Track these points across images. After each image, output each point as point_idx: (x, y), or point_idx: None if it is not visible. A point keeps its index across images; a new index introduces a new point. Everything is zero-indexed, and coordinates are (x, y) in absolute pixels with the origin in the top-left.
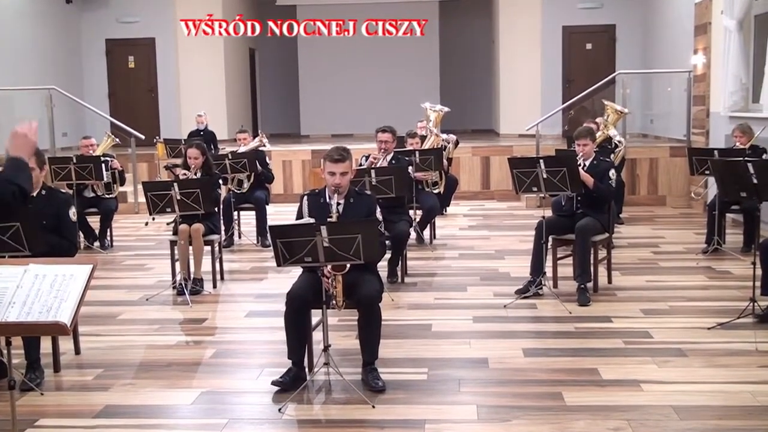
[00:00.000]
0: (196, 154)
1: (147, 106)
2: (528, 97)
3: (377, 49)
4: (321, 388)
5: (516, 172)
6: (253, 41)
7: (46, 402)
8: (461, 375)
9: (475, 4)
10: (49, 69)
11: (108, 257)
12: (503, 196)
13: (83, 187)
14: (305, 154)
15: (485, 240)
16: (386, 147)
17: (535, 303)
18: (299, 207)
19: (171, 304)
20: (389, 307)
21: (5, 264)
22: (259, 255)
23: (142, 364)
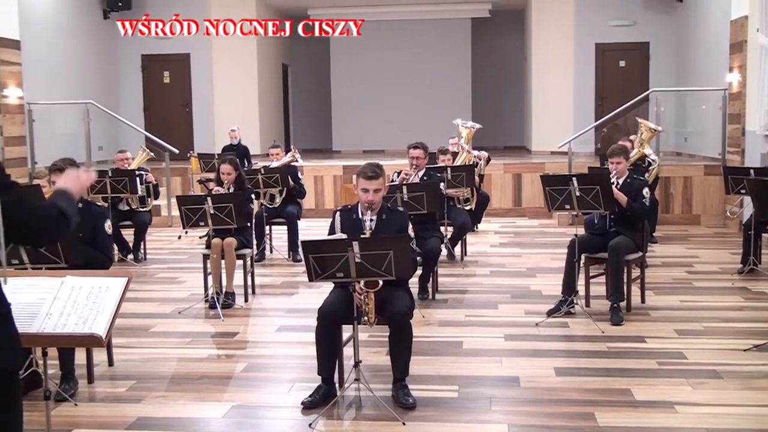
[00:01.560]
0: (229, 169)
1: (181, 121)
2: (560, 115)
3: (410, 66)
4: (351, 404)
5: (549, 190)
6: (287, 57)
7: (80, 413)
8: (492, 393)
9: (507, 21)
10: (87, 83)
11: (141, 270)
12: (535, 214)
13: (118, 200)
14: (337, 169)
15: (517, 257)
16: (418, 163)
17: (567, 322)
18: (332, 222)
19: (203, 318)
20: (420, 323)
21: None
22: (291, 270)
23: (174, 376)
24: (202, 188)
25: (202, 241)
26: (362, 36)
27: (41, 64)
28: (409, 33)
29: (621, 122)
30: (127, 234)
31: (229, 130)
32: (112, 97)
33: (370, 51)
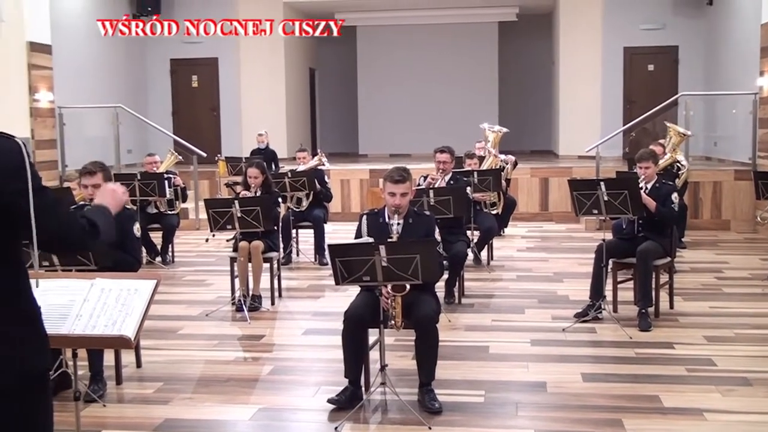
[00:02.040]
0: (256, 173)
1: (209, 125)
2: (588, 119)
3: (437, 70)
4: (377, 408)
5: (576, 194)
6: (314, 61)
7: (108, 413)
8: (519, 398)
9: (535, 25)
10: (116, 87)
11: (169, 272)
12: (562, 218)
13: (146, 203)
14: (363, 173)
15: (543, 262)
16: (445, 167)
17: (595, 327)
18: (358, 226)
19: (230, 320)
20: (446, 328)
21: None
22: (317, 273)
23: (201, 378)
24: (229, 192)
25: (229, 244)
26: (389, 40)
27: (72, 69)
28: (436, 37)
29: (649, 126)
30: (155, 237)
31: (256, 134)
32: (141, 101)
33: (397, 55)
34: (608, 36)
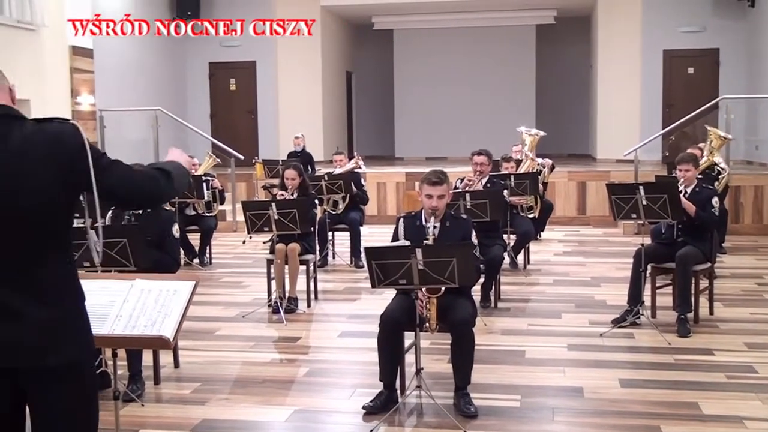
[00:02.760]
0: (294, 175)
1: (247, 127)
2: (626, 122)
3: (474, 73)
4: (413, 411)
5: (614, 198)
6: (351, 64)
7: (147, 413)
8: (555, 404)
9: (572, 28)
10: (156, 91)
11: (206, 274)
12: (599, 222)
13: (185, 205)
14: (399, 176)
15: (581, 266)
16: (482, 170)
17: (633, 332)
18: (395, 229)
19: (266, 322)
20: (482, 331)
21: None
22: (353, 276)
23: (238, 379)
24: (266, 194)
25: (266, 246)
26: (426, 43)
27: (113, 72)
28: (473, 40)
29: (689, 130)
30: (193, 238)
31: (293, 137)
32: (180, 104)
33: (434, 58)
34: (647, 39)
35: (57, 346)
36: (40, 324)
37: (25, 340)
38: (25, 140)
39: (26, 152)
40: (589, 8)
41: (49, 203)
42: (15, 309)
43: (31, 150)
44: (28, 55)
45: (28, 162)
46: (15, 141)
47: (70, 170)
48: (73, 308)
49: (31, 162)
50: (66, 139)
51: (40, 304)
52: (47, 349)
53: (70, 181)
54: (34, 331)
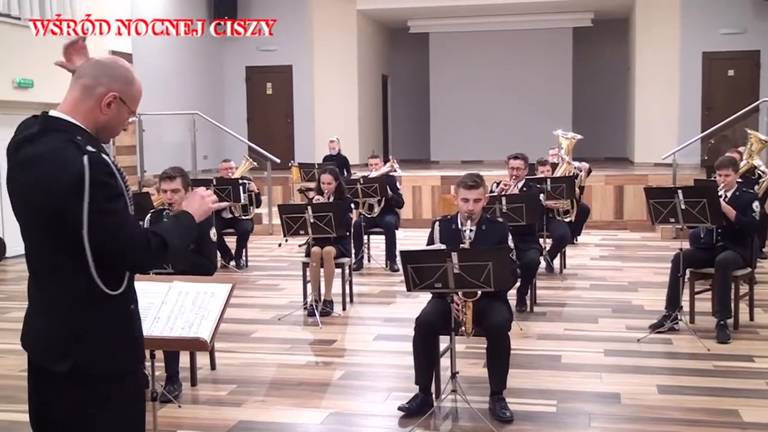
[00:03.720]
0: (330, 179)
1: (283, 131)
2: (664, 125)
3: (510, 76)
4: (448, 415)
5: (652, 203)
6: (386, 68)
7: (183, 414)
8: (592, 409)
9: (610, 31)
10: (193, 95)
11: (243, 277)
12: (637, 227)
13: (222, 208)
14: (435, 179)
15: (618, 271)
16: (518, 174)
17: (671, 338)
18: (431, 232)
19: (302, 325)
20: (518, 336)
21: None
22: (388, 279)
23: (274, 382)
24: (302, 197)
25: (301, 250)
26: (462, 46)
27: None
28: (509, 43)
29: (729, 133)
30: (229, 241)
31: (328, 141)
32: (217, 108)
33: (470, 61)
34: (686, 41)
35: (68, 352)
36: (54, 327)
37: (43, 339)
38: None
39: (42, 165)
40: (626, 10)
41: (56, 217)
42: (40, 310)
43: (46, 164)
44: None
45: (41, 174)
46: (38, 150)
47: (69, 199)
48: (89, 321)
49: (43, 175)
50: (69, 170)
51: (54, 312)
52: (57, 353)
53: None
54: (48, 332)
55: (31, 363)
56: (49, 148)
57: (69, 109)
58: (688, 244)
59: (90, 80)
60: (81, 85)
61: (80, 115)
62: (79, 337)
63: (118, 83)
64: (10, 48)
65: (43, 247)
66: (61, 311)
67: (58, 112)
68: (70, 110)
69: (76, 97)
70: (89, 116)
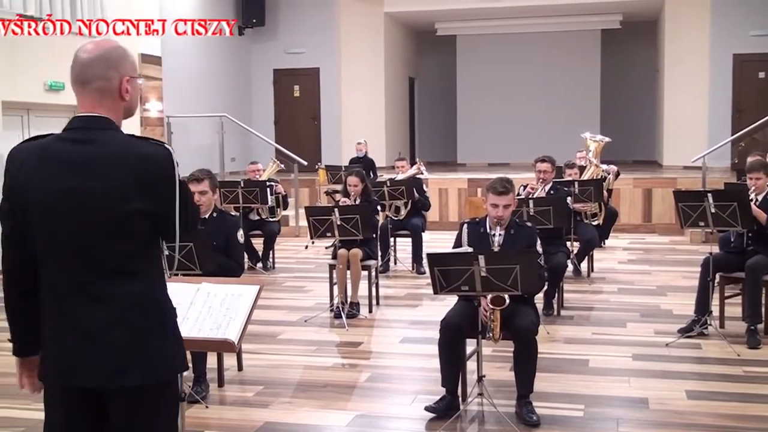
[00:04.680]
0: (356, 181)
1: (310, 133)
2: (694, 128)
3: (537, 78)
4: (474, 419)
5: (682, 206)
6: (413, 70)
7: (210, 415)
8: (619, 414)
9: (639, 33)
10: (221, 97)
11: (270, 278)
12: (665, 230)
13: (249, 210)
14: (461, 182)
15: (646, 275)
16: (545, 177)
17: (700, 343)
18: (458, 234)
19: (328, 327)
20: (545, 340)
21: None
22: (414, 281)
23: (300, 383)
24: (329, 199)
25: (328, 252)
26: (489, 49)
27: (180, 79)
28: (536, 45)
29: (759, 136)
30: (256, 243)
31: (355, 143)
32: (245, 111)
33: (497, 64)
34: (716, 43)
35: (130, 368)
36: (114, 344)
37: (98, 360)
38: (117, 151)
39: (112, 163)
40: (655, 12)
41: (127, 217)
42: (88, 326)
43: (123, 162)
44: None
45: (116, 174)
46: (105, 150)
47: (155, 195)
48: (152, 327)
49: (120, 174)
50: (159, 162)
51: (114, 323)
52: (120, 370)
53: (150, 203)
54: (106, 351)
55: (69, 390)
56: (117, 144)
57: (95, 110)
58: (717, 248)
59: (101, 82)
60: (96, 89)
61: (105, 112)
62: (144, 344)
63: (123, 66)
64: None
65: (108, 250)
66: (125, 317)
67: (91, 112)
68: (97, 111)
69: (95, 99)
70: (113, 110)
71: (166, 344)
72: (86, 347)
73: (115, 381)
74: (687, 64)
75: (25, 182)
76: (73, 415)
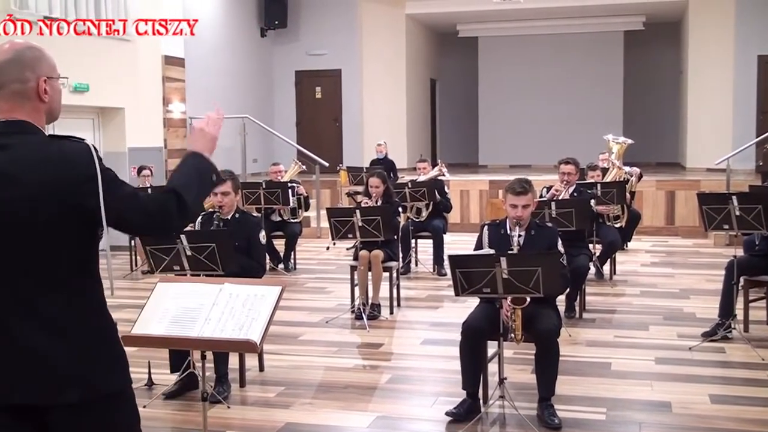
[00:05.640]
0: (378, 183)
1: (331, 135)
2: (718, 130)
3: (559, 80)
4: (495, 421)
5: (705, 209)
6: (435, 72)
7: (232, 415)
8: (642, 418)
9: (662, 34)
10: (243, 99)
11: (291, 279)
12: (688, 233)
13: (271, 211)
14: (483, 184)
15: (669, 278)
16: (569, 179)
17: (724, 347)
18: (479, 236)
19: (349, 328)
20: (566, 342)
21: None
22: (435, 283)
23: (321, 384)
24: (350, 201)
25: (349, 253)
26: (511, 50)
27: (203, 81)
28: (558, 47)
29: None
30: (278, 244)
31: (376, 144)
32: (267, 112)
33: (519, 65)
34: (741, 44)
35: (70, 383)
36: (55, 358)
37: (37, 376)
38: (33, 156)
39: (34, 169)
40: (679, 13)
41: (54, 224)
42: (26, 342)
43: (40, 166)
44: (124, 65)
45: (34, 179)
46: (21, 155)
47: (79, 195)
48: (91, 339)
49: (37, 180)
50: (78, 162)
51: (54, 336)
52: (61, 386)
53: (78, 205)
54: (48, 365)
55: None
56: (36, 149)
57: (13, 115)
58: (742, 251)
59: (17, 85)
60: (12, 93)
61: (25, 115)
62: (86, 356)
63: (39, 66)
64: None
65: (41, 261)
66: (65, 331)
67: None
68: (16, 115)
69: (11, 106)
70: (34, 113)
71: (109, 355)
72: (24, 363)
73: (57, 398)
74: (711, 65)
75: None
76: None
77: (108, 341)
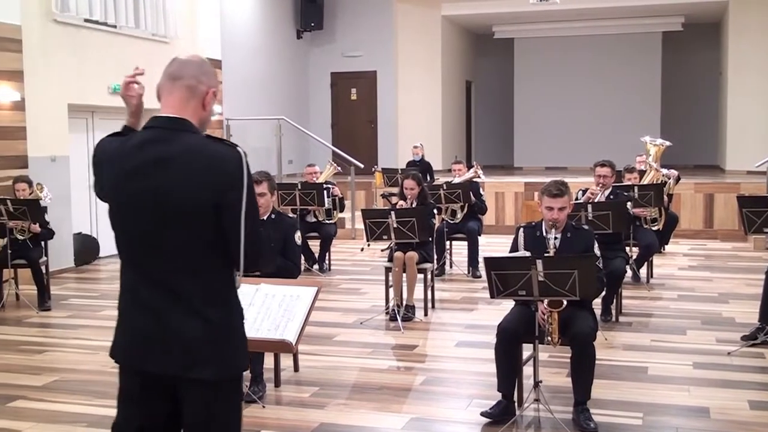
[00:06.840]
0: (413, 184)
1: (367, 136)
2: (758, 132)
3: (595, 81)
4: (530, 424)
5: (746, 212)
6: (470, 73)
7: (267, 415)
8: (679, 423)
9: (701, 35)
10: (280, 100)
11: (326, 280)
12: (727, 236)
13: (306, 212)
14: (518, 186)
15: (707, 281)
16: (605, 182)
17: (764, 352)
18: (514, 239)
19: (384, 329)
20: (602, 346)
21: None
22: (470, 285)
23: (356, 385)
24: (385, 202)
25: (384, 254)
26: (547, 51)
27: (239, 82)
28: (595, 48)
29: None
30: (313, 245)
31: (412, 146)
32: (303, 113)
33: (556, 66)
34: None
35: (201, 360)
36: (188, 335)
37: (173, 350)
38: (191, 151)
39: (189, 163)
40: (719, 14)
41: (200, 215)
42: (167, 315)
43: (195, 161)
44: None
45: (189, 172)
46: (181, 149)
47: (223, 196)
48: (223, 322)
49: (191, 172)
50: (228, 167)
51: (191, 314)
52: (193, 362)
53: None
54: (181, 341)
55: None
56: (192, 144)
57: (179, 110)
58: None
59: (192, 81)
60: (185, 86)
61: (188, 114)
62: (221, 338)
63: (212, 80)
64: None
65: (183, 246)
66: (203, 312)
67: (173, 114)
68: (180, 111)
69: (182, 97)
70: (195, 115)
71: (238, 341)
72: (164, 337)
73: (190, 372)
74: (751, 66)
75: (106, 181)
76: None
77: (238, 325)
